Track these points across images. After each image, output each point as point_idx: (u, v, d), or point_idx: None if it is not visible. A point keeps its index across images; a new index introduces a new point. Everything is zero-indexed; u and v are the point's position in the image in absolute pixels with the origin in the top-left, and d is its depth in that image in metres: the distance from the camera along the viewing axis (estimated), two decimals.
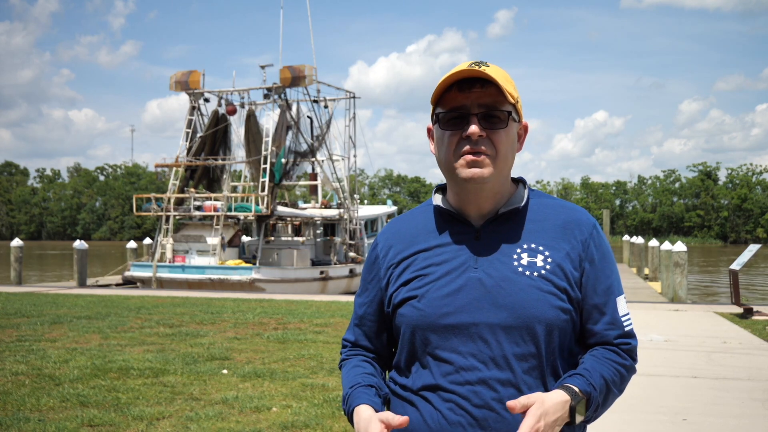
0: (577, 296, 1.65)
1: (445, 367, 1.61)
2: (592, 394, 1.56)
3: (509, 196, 1.71)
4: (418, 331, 1.65)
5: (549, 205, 1.73)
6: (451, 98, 1.64)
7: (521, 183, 1.76)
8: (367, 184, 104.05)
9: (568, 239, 1.67)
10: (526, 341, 1.58)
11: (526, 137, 1.76)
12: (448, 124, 1.65)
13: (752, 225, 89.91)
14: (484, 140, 1.61)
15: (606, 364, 1.63)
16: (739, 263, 13.17)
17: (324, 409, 5.79)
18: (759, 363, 7.89)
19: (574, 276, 1.64)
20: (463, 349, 1.60)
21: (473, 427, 1.57)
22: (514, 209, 1.69)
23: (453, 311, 1.61)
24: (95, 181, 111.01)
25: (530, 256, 1.64)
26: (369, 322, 1.81)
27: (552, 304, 1.60)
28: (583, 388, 1.56)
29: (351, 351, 1.84)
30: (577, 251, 1.66)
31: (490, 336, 1.59)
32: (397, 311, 1.69)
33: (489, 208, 1.69)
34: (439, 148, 1.69)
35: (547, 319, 1.59)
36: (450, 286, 1.63)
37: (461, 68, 1.62)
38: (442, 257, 1.67)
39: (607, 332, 1.67)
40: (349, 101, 27.04)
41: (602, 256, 1.69)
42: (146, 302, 14.45)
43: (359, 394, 1.68)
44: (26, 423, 5.34)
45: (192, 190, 24.58)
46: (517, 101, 1.67)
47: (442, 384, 1.61)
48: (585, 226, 1.69)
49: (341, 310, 13.10)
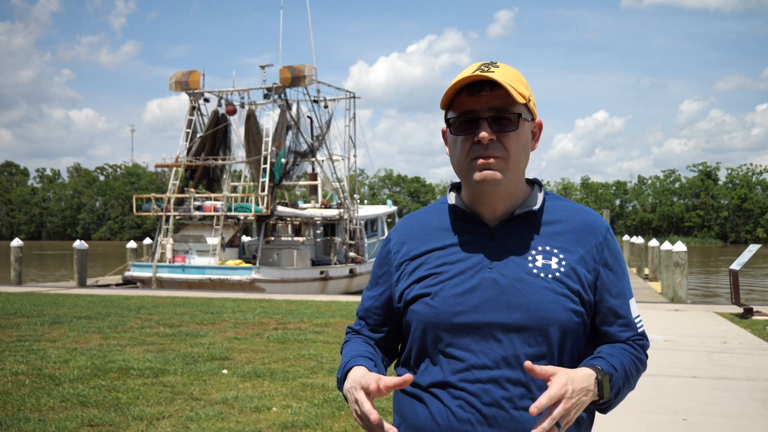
0: (590, 299, 1.66)
1: (456, 364, 1.62)
2: (614, 374, 1.58)
3: (524, 197, 1.72)
4: (430, 329, 1.65)
5: (564, 207, 1.74)
6: (462, 102, 1.64)
7: (536, 184, 1.76)
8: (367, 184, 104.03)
9: (583, 243, 1.68)
10: (538, 342, 1.60)
11: (541, 134, 1.76)
12: (458, 129, 1.66)
13: (752, 225, 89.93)
14: (495, 144, 1.62)
15: (623, 353, 1.66)
16: (739, 263, 13.17)
17: (324, 409, 5.79)
18: (759, 363, 7.89)
19: (587, 279, 1.66)
20: (476, 347, 1.61)
21: (482, 424, 1.58)
22: (530, 211, 1.69)
23: (467, 310, 1.62)
24: (95, 181, 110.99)
25: (545, 259, 1.65)
26: (375, 315, 1.82)
27: (565, 306, 1.61)
28: (606, 368, 1.58)
29: (353, 335, 1.87)
30: (591, 255, 1.67)
31: (503, 336, 1.60)
32: (410, 307, 1.70)
33: (503, 209, 1.70)
34: (452, 151, 1.70)
35: (560, 321, 1.60)
36: (464, 285, 1.64)
37: (469, 72, 1.62)
38: (456, 256, 1.68)
39: (621, 334, 1.69)
40: (349, 101, 27.06)
41: (615, 260, 1.71)
42: (146, 302, 14.45)
43: (357, 360, 1.69)
44: (26, 423, 5.34)
45: (192, 190, 24.58)
46: (529, 100, 1.66)
47: (452, 381, 1.61)
48: (599, 230, 1.71)
49: (341, 310, 13.10)
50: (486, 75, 1.59)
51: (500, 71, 1.62)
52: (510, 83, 1.60)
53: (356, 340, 1.83)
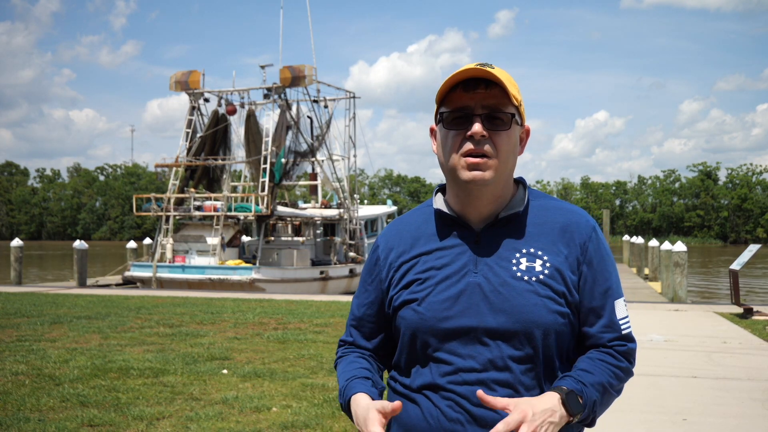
0: (575, 300, 1.66)
1: (444, 367, 1.63)
2: (584, 390, 1.57)
3: (510, 198, 1.72)
4: (418, 334, 1.67)
5: (548, 207, 1.73)
6: (456, 98, 1.65)
7: (521, 184, 1.76)
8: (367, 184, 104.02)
9: (567, 243, 1.68)
10: (524, 345, 1.60)
11: (527, 142, 1.77)
12: (451, 124, 1.66)
13: (752, 225, 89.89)
14: (486, 141, 1.62)
15: (599, 366, 1.64)
16: (739, 263, 13.17)
17: (324, 409, 5.79)
18: (759, 363, 7.89)
19: (572, 280, 1.65)
20: (463, 351, 1.62)
21: (471, 424, 1.59)
22: (514, 213, 1.69)
23: (453, 315, 1.63)
24: (95, 181, 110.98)
25: (529, 261, 1.65)
26: (368, 324, 1.82)
27: (550, 308, 1.61)
28: (572, 385, 1.57)
29: (347, 349, 1.86)
30: (575, 255, 1.67)
31: (489, 340, 1.61)
32: (398, 314, 1.71)
33: (489, 212, 1.70)
34: (442, 147, 1.69)
35: (545, 324, 1.60)
36: (450, 291, 1.64)
37: (467, 68, 1.62)
38: (442, 261, 1.68)
39: (603, 335, 1.68)
40: (349, 101, 27.05)
41: (600, 259, 1.69)
42: (146, 302, 14.46)
43: (356, 384, 1.70)
44: (26, 423, 5.35)
45: (192, 190, 24.58)
46: (520, 104, 1.68)
47: (440, 383, 1.63)
48: (584, 229, 1.70)
49: (341, 310, 13.10)
50: (485, 71, 1.60)
51: (496, 71, 1.63)
52: (505, 84, 1.62)
53: (350, 356, 1.82)
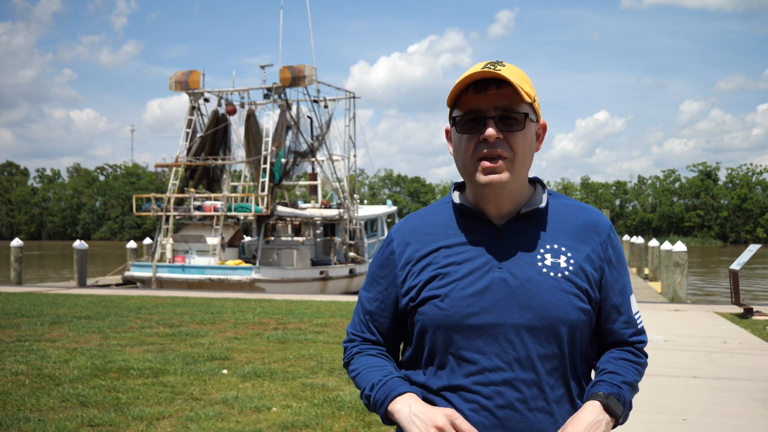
0: (596, 297, 1.67)
1: (468, 367, 1.61)
2: (620, 392, 1.61)
3: (528, 196, 1.71)
4: (440, 331, 1.63)
5: (568, 206, 1.74)
6: (468, 101, 1.63)
7: (539, 183, 1.76)
8: (367, 184, 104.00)
9: (588, 241, 1.69)
10: (549, 342, 1.60)
11: (545, 136, 1.76)
12: (465, 127, 1.64)
13: (752, 225, 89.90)
14: (501, 142, 1.60)
15: (623, 365, 1.69)
16: (739, 263, 13.17)
17: (324, 409, 5.79)
18: (759, 363, 7.89)
19: (594, 277, 1.67)
20: (488, 349, 1.60)
21: (496, 427, 1.58)
22: (536, 210, 1.69)
23: (478, 312, 1.61)
24: (95, 181, 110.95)
25: (554, 257, 1.65)
26: (381, 318, 1.76)
27: (575, 305, 1.62)
28: (609, 390, 1.61)
29: (363, 345, 1.78)
30: (596, 253, 1.68)
31: (515, 337, 1.59)
32: (418, 310, 1.67)
33: (509, 209, 1.69)
34: (457, 151, 1.68)
35: (571, 321, 1.61)
36: (475, 286, 1.62)
37: (476, 69, 1.60)
38: (463, 256, 1.66)
39: (624, 331, 1.71)
40: (349, 101, 27.05)
41: (618, 258, 1.72)
42: (146, 302, 14.45)
43: (400, 382, 1.65)
44: (26, 423, 5.34)
45: (192, 190, 24.58)
46: (534, 100, 1.65)
47: (464, 384, 1.60)
48: (603, 229, 1.71)
49: (341, 310, 13.09)
50: (494, 72, 1.58)
51: (507, 70, 1.61)
52: (517, 82, 1.59)
53: (372, 351, 1.76)
